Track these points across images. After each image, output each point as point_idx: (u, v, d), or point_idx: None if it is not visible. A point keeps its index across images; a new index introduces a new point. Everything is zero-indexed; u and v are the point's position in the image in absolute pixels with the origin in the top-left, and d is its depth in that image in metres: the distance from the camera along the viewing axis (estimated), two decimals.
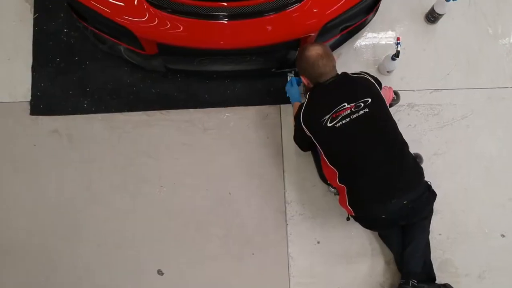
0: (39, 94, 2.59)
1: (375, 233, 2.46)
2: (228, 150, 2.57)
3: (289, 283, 2.44)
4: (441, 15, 2.62)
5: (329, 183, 2.31)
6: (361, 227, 2.28)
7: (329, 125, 2.04)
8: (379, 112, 2.07)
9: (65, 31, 2.66)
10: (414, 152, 2.31)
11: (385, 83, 2.35)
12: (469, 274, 2.48)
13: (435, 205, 2.26)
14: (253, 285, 2.45)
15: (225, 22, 2.16)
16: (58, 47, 2.64)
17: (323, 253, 2.47)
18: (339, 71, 2.16)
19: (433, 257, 2.37)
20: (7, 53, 2.65)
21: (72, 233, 2.48)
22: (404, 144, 2.12)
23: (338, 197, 2.22)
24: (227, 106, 2.61)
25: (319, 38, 2.34)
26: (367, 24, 2.63)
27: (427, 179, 2.16)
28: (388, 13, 2.71)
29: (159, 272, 2.45)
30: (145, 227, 2.48)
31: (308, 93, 2.18)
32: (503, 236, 2.53)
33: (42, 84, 2.60)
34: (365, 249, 2.48)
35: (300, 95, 2.46)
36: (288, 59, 2.51)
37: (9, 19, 2.68)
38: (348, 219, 2.31)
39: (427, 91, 2.65)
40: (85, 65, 2.62)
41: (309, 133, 2.12)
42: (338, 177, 2.11)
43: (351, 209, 2.09)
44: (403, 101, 2.59)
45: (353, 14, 2.32)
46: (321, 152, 2.14)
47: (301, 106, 2.17)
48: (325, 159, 2.13)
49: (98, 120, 2.58)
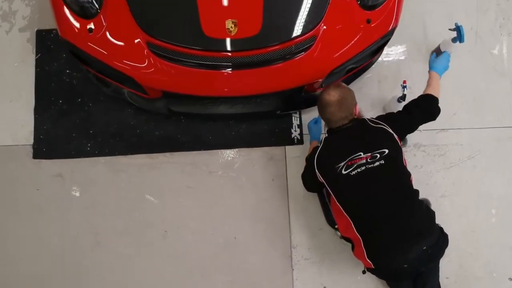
0: (41, 137, 2.57)
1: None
2: (233, 192, 2.55)
3: None
4: None
5: (336, 227, 2.27)
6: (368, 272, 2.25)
7: (344, 172, 2.01)
8: (395, 164, 2.04)
9: (67, 71, 2.64)
10: (422, 197, 2.28)
11: None
12: None
13: None
14: None
15: (229, 71, 2.13)
16: (60, 88, 2.62)
17: None
18: None
19: None
20: (9, 95, 2.63)
21: (75, 279, 2.46)
22: (416, 192, 2.10)
23: (344, 239, 2.19)
24: (231, 147, 2.59)
25: (325, 81, 2.32)
26: (373, 64, 2.60)
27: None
28: (393, 51, 2.69)
29: None
30: (150, 273, 2.45)
31: (323, 137, 2.15)
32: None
33: (44, 126, 2.58)
34: None
35: (320, 135, 2.43)
36: (293, 102, 2.49)
37: (11, 60, 2.66)
38: (364, 272, 2.22)
39: (434, 131, 2.62)
40: (88, 106, 2.60)
41: (322, 178, 2.09)
42: (353, 226, 2.07)
43: (371, 262, 2.04)
44: (409, 141, 2.58)
45: (359, 58, 2.30)
46: (334, 198, 2.11)
47: (315, 149, 2.14)
48: (338, 206, 2.10)
49: (101, 163, 2.56)
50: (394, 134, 2.08)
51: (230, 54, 2.10)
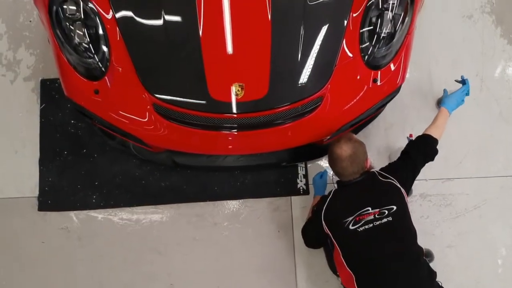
0: (47, 189, 2.56)
1: None
2: (238, 244, 2.54)
3: None
4: None
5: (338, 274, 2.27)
6: None
7: (351, 228, 2.00)
8: (402, 221, 2.04)
9: (72, 122, 2.63)
10: (425, 248, 2.28)
11: None
12: None
13: None
14: None
15: (235, 132, 2.13)
16: (65, 139, 2.61)
17: None
18: None
19: None
20: (14, 146, 2.62)
21: None
22: (421, 253, 2.09)
23: None
24: (237, 198, 2.59)
25: (332, 134, 2.31)
26: (379, 114, 2.60)
27: (439, 272, 2.10)
28: (399, 100, 2.66)
29: None
30: None
31: (332, 190, 2.14)
32: None
33: (49, 178, 2.57)
34: None
35: (324, 190, 2.42)
36: (299, 154, 2.49)
37: (16, 110, 2.66)
38: None
39: (439, 180, 2.62)
40: (93, 157, 2.60)
41: (328, 230, 2.08)
42: (355, 282, 2.07)
43: None
44: (415, 191, 2.58)
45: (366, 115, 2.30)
46: (338, 251, 2.10)
47: (322, 201, 2.12)
48: (342, 260, 2.10)
49: (107, 215, 2.55)
50: (401, 188, 2.08)
51: (236, 116, 2.09)
